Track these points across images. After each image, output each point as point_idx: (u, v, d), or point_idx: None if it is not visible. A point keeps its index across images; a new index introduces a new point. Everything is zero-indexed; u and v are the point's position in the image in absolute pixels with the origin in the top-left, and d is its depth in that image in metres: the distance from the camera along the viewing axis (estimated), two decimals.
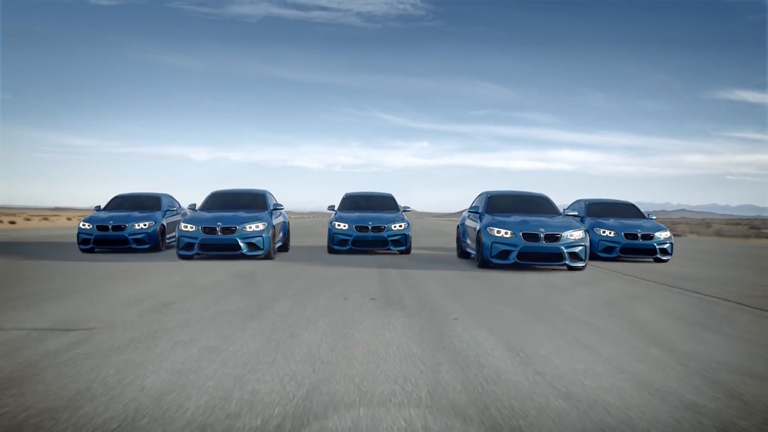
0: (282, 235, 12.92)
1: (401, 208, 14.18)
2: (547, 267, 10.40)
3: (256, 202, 12.78)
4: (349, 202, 14.39)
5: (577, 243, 9.93)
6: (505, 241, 9.90)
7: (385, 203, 14.43)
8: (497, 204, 11.45)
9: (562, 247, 9.84)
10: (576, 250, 9.90)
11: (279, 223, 12.50)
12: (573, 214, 12.10)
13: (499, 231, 10.02)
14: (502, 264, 9.92)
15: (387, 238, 12.81)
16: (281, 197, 14.22)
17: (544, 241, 9.86)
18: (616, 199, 14.46)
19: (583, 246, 9.98)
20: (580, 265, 9.93)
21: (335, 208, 14.12)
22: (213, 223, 11.20)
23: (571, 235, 9.95)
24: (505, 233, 9.96)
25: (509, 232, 9.95)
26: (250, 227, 11.18)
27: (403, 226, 12.98)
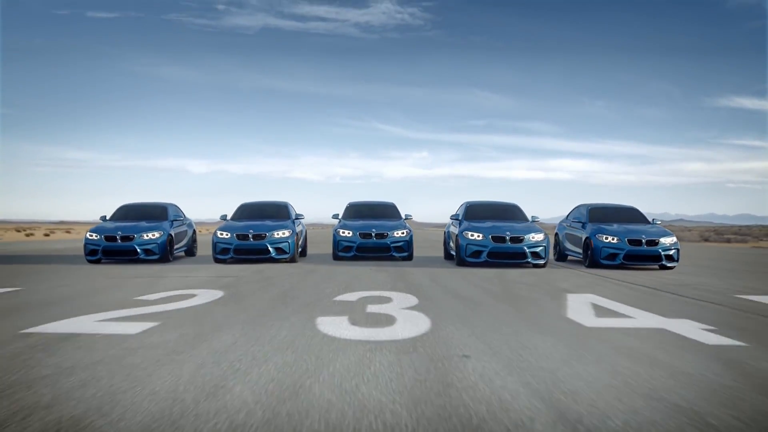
0: (302, 241, 14.85)
1: (403, 216, 15.04)
2: (512, 264, 12.98)
3: (279, 212, 14.56)
4: (353, 210, 15.22)
5: (538, 244, 12.50)
6: (478, 243, 12.48)
7: (388, 211, 15.22)
8: (475, 212, 13.95)
9: (525, 248, 12.41)
10: (537, 250, 12.46)
11: (300, 231, 14.50)
12: (575, 221, 13.72)
13: (473, 234, 12.60)
14: (475, 262, 12.42)
15: (390, 245, 13.70)
16: None
17: (510, 243, 12.42)
18: (620, 204, 14.11)
19: (543, 246, 12.51)
20: (541, 262, 12.40)
21: (339, 217, 15.00)
22: (245, 230, 13.21)
23: (533, 237, 12.52)
24: (478, 236, 12.54)
25: (481, 235, 12.52)
26: (278, 234, 13.24)
27: (405, 233, 13.90)
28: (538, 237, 12.50)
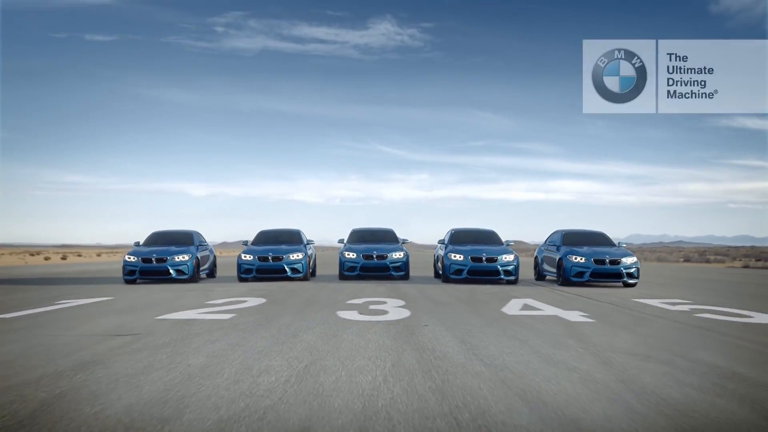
0: (312, 262, 17.72)
1: (401, 241, 17.45)
2: (488, 280, 15.84)
3: (293, 237, 17.23)
4: (357, 236, 17.53)
5: (510, 263, 15.28)
6: (459, 263, 15.33)
7: (387, 236, 17.51)
8: (459, 237, 16.83)
9: (498, 266, 15.22)
10: (509, 268, 15.24)
11: (311, 254, 17.39)
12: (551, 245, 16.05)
13: (455, 255, 15.46)
14: (458, 279, 15.30)
15: (389, 265, 15.86)
16: None
17: (486, 262, 15.31)
18: (590, 230, 16.32)
19: (514, 266, 15.28)
20: (512, 278, 15.18)
21: (344, 241, 17.30)
22: (266, 253, 15.91)
23: (505, 258, 15.33)
24: (459, 257, 15.39)
25: (462, 256, 15.39)
26: (293, 256, 15.92)
27: (403, 255, 16.18)
28: (509, 257, 15.31)
